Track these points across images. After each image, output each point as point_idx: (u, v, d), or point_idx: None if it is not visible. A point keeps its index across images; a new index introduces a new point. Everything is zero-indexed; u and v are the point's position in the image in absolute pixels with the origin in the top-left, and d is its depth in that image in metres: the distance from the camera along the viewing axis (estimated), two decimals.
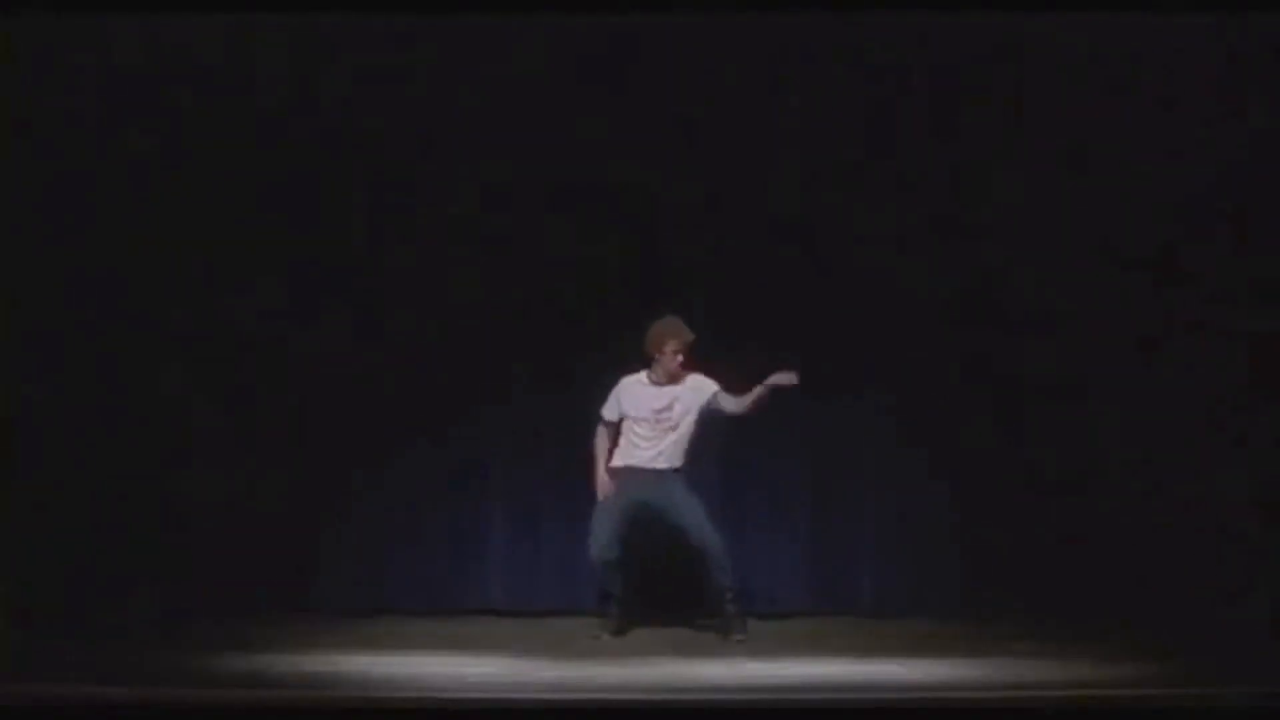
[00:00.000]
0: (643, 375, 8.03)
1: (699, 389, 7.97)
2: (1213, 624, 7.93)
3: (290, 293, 8.66)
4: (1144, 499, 8.42)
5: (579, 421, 8.24)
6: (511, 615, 8.54)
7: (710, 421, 8.03)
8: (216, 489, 8.54)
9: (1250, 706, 6.26)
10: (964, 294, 8.64)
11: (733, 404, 7.91)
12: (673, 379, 7.98)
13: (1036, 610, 8.36)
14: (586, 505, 8.07)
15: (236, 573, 8.42)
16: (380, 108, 8.65)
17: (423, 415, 8.65)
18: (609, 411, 8.07)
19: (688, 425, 7.97)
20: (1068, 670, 7.01)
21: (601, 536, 7.93)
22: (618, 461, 8.04)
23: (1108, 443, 8.53)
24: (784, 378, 7.76)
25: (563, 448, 8.54)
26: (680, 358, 7.95)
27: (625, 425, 8.03)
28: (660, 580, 8.23)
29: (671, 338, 7.93)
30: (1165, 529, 8.35)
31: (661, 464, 7.96)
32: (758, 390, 7.82)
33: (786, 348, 8.47)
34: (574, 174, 8.62)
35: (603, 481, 8.04)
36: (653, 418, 7.96)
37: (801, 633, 8.12)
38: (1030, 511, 8.55)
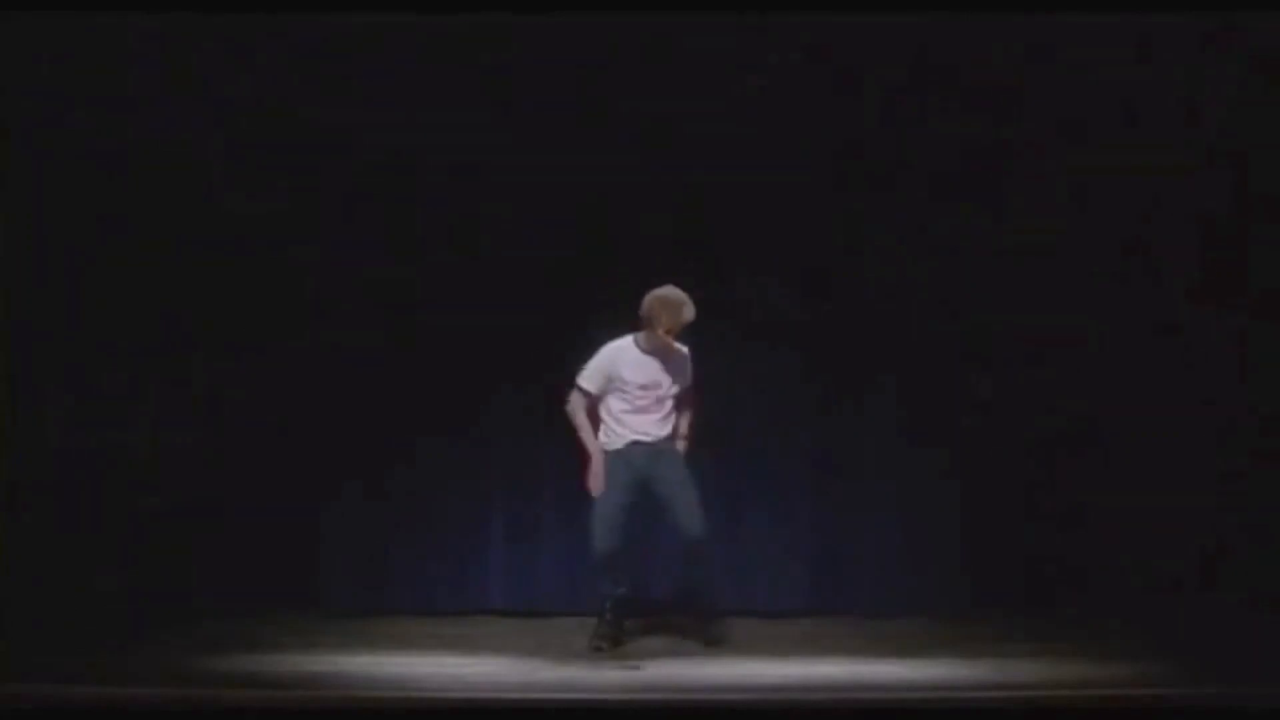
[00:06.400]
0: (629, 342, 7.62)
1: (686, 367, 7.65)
2: (1213, 624, 7.94)
3: (291, 293, 8.67)
4: (1145, 499, 8.43)
5: None
6: (511, 616, 8.55)
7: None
8: (217, 489, 8.55)
9: (1250, 707, 6.26)
10: (966, 295, 8.66)
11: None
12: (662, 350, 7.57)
13: (1037, 610, 8.38)
14: (586, 505, 8.06)
15: (237, 573, 8.44)
16: (377, 104, 8.66)
17: (423, 416, 8.66)
18: (591, 381, 7.61)
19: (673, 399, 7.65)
20: (1068, 670, 7.01)
21: (605, 528, 7.53)
22: (614, 441, 7.63)
23: (1108, 443, 8.53)
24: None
25: (563, 449, 8.54)
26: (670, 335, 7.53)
27: (610, 398, 7.61)
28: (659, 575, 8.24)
29: (665, 312, 7.47)
30: (1166, 529, 8.37)
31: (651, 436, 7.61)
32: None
33: (787, 347, 8.52)
34: (574, 176, 8.63)
35: (595, 472, 7.60)
36: (647, 387, 7.57)
37: (801, 633, 8.12)
38: (1030, 512, 8.56)
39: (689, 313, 7.48)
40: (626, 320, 8.09)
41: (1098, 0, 8.19)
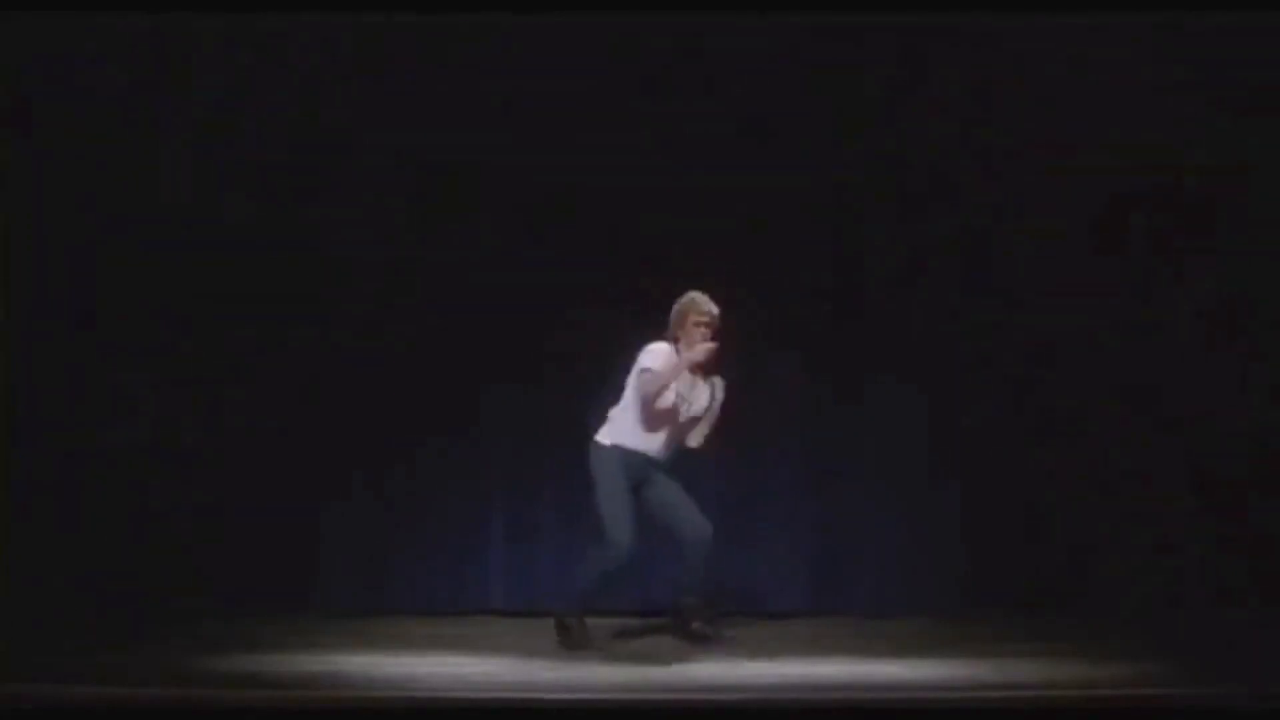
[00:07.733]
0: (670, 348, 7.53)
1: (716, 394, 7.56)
2: (1213, 624, 7.94)
3: (291, 292, 8.67)
4: (1144, 499, 8.43)
5: (580, 423, 8.24)
6: (511, 616, 8.55)
7: None
8: (217, 489, 8.55)
9: (1250, 707, 6.26)
10: (965, 294, 8.66)
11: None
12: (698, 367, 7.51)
13: (1037, 610, 8.38)
14: (586, 505, 8.05)
15: (237, 573, 8.44)
16: (378, 104, 8.67)
17: (423, 416, 8.66)
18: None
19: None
20: (1067, 670, 7.01)
21: (629, 527, 7.40)
22: (633, 444, 7.53)
23: (1108, 443, 8.53)
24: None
25: (563, 449, 8.54)
26: (706, 335, 7.45)
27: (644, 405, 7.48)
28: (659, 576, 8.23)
29: (692, 309, 7.49)
30: (1165, 529, 8.37)
31: (666, 454, 7.58)
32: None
33: (787, 347, 8.52)
34: (574, 176, 8.64)
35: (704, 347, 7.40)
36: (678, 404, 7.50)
37: (801, 633, 8.12)
38: (1030, 511, 8.56)
39: (710, 304, 7.48)
40: (627, 320, 8.11)
41: (1096, 0, 8.19)
